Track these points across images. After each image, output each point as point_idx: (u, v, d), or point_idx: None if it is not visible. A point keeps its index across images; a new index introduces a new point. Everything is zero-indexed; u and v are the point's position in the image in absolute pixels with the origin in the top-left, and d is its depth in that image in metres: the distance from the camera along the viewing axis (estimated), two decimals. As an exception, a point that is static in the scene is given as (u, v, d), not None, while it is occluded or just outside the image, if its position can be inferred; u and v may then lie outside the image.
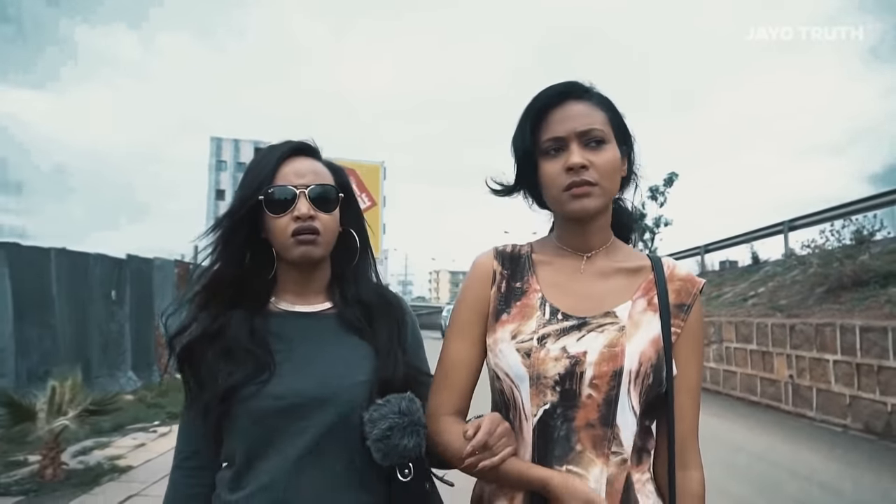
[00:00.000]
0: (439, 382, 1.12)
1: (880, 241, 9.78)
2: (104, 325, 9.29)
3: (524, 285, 1.09)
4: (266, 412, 1.05)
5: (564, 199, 1.03)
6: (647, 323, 1.04)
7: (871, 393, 6.45)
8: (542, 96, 1.07)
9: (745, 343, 9.12)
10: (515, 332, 1.04)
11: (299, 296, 1.18)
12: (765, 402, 8.44)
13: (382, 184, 69.16)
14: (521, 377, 1.01)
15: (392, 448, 1.02)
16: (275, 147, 1.17)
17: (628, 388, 0.99)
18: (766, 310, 9.28)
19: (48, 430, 4.42)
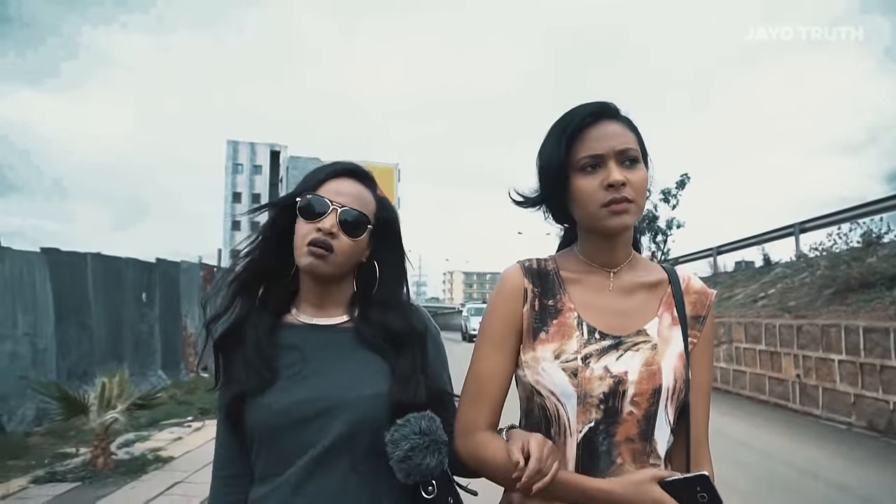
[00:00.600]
0: (474, 396, 1.12)
1: (888, 244, 9.98)
2: (135, 326, 9.74)
3: (557, 304, 1.12)
4: (273, 423, 1.07)
5: (603, 214, 1.06)
6: (673, 339, 1.09)
7: (874, 391, 6.68)
8: (578, 114, 1.09)
9: (754, 343, 9.34)
10: (559, 352, 1.06)
11: (318, 308, 1.19)
12: (773, 400, 8.66)
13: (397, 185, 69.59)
14: (569, 395, 1.04)
15: (415, 468, 1.03)
16: (333, 163, 1.22)
17: (665, 404, 1.04)
18: (775, 311, 9.49)
19: (99, 423, 4.79)
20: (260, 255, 1.17)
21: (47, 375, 7.44)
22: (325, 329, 1.17)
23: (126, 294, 9.53)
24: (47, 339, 7.59)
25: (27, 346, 7.19)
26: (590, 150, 1.06)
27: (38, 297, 7.48)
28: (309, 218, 1.13)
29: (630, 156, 1.07)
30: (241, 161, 64.62)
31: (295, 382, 1.10)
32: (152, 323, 10.25)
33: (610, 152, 1.05)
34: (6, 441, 6.16)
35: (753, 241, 15.49)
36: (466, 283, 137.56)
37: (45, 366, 7.46)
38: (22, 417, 6.84)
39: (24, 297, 7.24)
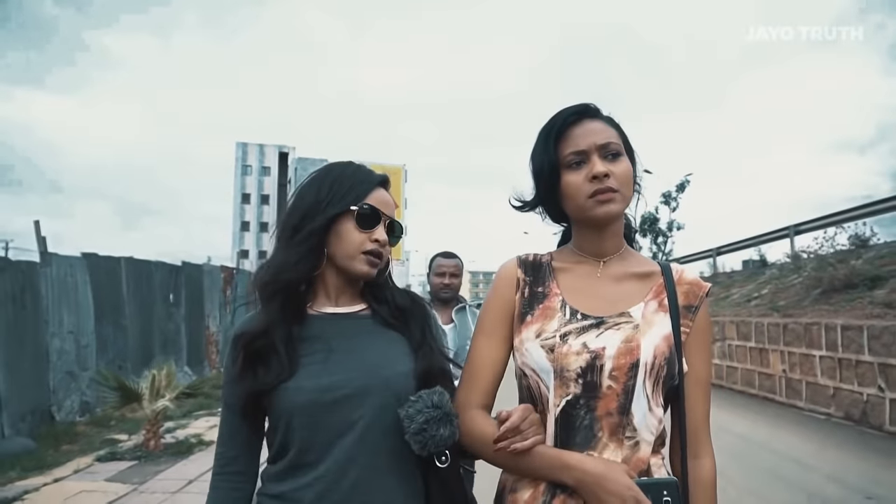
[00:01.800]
0: (468, 378, 1.20)
1: (874, 247, 10.53)
2: (164, 325, 10.40)
3: (545, 290, 1.17)
4: (309, 405, 1.10)
5: (589, 205, 1.11)
6: (658, 322, 1.12)
7: (850, 384, 7.25)
8: (561, 115, 1.16)
9: (744, 341, 9.91)
10: (539, 332, 1.12)
11: (336, 300, 1.23)
12: (762, 394, 9.24)
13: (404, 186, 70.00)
14: (546, 371, 1.08)
15: (430, 438, 1.08)
16: (369, 171, 1.25)
17: (644, 379, 1.06)
18: (766, 310, 10.05)
19: (151, 410, 5.43)
20: (306, 264, 1.17)
21: (88, 370, 8.10)
22: (346, 316, 1.21)
23: (155, 295, 10.19)
24: (88, 337, 8.24)
25: (72, 343, 7.85)
26: (574, 147, 1.12)
27: (80, 298, 8.14)
28: (365, 227, 1.18)
29: (612, 149, 1.12)
30: (250, 162, 65.23)
31: (326, 366, 1.13)
32: (178, 322, 10.92)
33: (592, 147, 1.11)
34: (58, 429, 6.81)
35: (751, 242, 16.02)
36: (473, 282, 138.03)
37: (86, 361, 8.11)
38: (70, 408, 7.50)
39: (68, 298, 7.89)
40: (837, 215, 12.25)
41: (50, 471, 4.96)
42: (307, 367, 1.12)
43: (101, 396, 7.15)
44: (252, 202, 64.94)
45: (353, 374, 1.13)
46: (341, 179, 1.20)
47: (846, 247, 10.42)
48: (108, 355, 8.60)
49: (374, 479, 1.10)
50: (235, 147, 65.04)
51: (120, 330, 9.03)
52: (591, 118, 1.15)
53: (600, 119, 1.16)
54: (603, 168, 1.10)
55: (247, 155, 65.32)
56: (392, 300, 1.25)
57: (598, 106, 1.20)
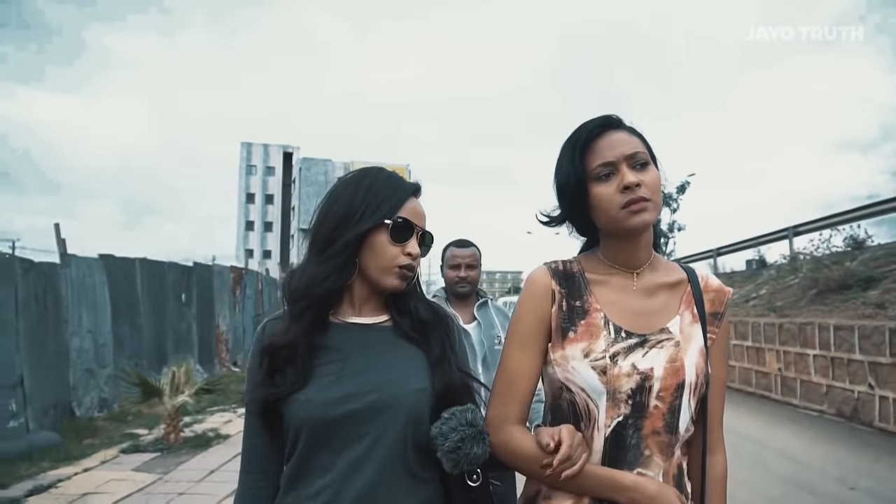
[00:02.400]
0: (505, 392, 1.17)
1: (869, 248, 10.77)
2: (176, 324, 10.69)
3: (584, 304, 1.16)
4: (320, 416, 1.09)
5: (623, 216, 1.10)
6: (694, 335, 1.14)
7: (842, 382, 7.49)
8: (586, 128, 1.15)
9: (742, 340, 10.16)
10: (587, 351, 1.10)
11: (360, 309, 1.21)
12: (758, 392, 9.48)
13: (407, 186, 69.35)
14: (598, 392, 1.08)
15: (463, 457, 1.07)
16: (401, 180, 1.23)
17: (688, 398, 1.09)
18: (763, 310, 10.30)
19: (171, 405, 5.70)
20: (338, 278, 1.16)
21: (106, 368, 8.39)
22: (367, 328, 1.20)
23: (168, 295, 10.48)
24: (106, 335, 8.53)
25: (90, 342, 8.13)
26: (602, 159, 1.11)
27: (98, 298, 8.43)
28: (398, 240, 1.17)
29: (640, 159, 1.12)
30: (255, 162, 65.52)
31: (339, 379, 1.11)
32: (190, 321, 11.21)
33: (620, 158, 1.11)
34: (79, 424, 7.09)
35: (751, 243, 16.25)
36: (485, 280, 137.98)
37: (104, 359, 8.39)
38: (89, 404, 7.79)
39: (87, 298, 8.18)
40: (835, 217, 12.48)
41: (78, 461, 5.24)
42: (319, 378, 1.12)
43: (123, 391, 7.43)
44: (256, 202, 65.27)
45: (365, 388, 1.11)
46: (374, 189, 1.18)
47: (841, 248, 10.66)
48: (125, 353, 8.88)
49: (379, 494, 1.09)
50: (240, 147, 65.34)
51: (135, 329, 9.32)
52: (615, 129, 1.15)
53: (624, 129, 1.16)
54: (634, 178, 1.09)
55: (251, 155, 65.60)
56: (415, 312, 1.23)
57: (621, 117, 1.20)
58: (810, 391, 8.18)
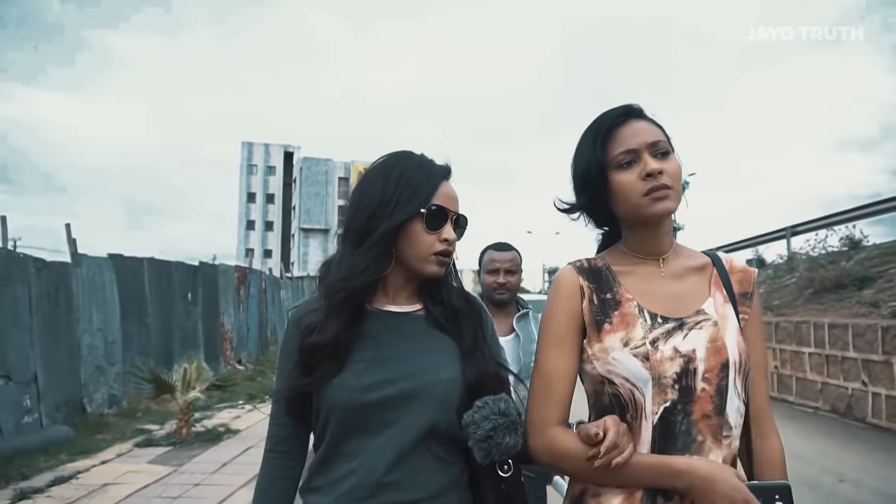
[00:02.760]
0: (542, 394, 1.16)
1: (865, 248, 10.95)
2: (182, 322, 10.86)
3: (616, 296, 1.15)
4: (355, 403, 1.11)
5: (645, 203, 1.10)
6: (729, 315, 1.12)
7: (836, 379, 7.67)
8: (608, 117, 1.16)
9: (739, 338, 10.33)
10: (626, 340, 1.09)
11: (394, 298, 1.23)
12: (755, 389, 9.66)
13: (408, 186, 69.16)
14: (643, 379, 1.06)
15: (495, 446, 1.07)
16: (432, 164, 1.22)
17: (734, 377, 1.07)
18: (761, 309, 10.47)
19: (184, 400, 5.88)
20: (375, 268, 1.17)
21: (115, 365, 8.57)
22: (401, 316, 1.21)
23: (175, 294, 10.65)
24: (115, 333, 8.70)
25: (100, 340, 8.30)
26: (624, 146, 1.12)
27: (107, 297, 8.60)
28: (434, 228, 1.17)
29: (661, 148, 1.12)
30: (256, 162, 65.73)
31: (372, 366, 1.13)
32: (196, 319, 11.38)
33: (643, 146, 1.11)
34: (90, 419, 7.27)
35: (750, 243, 16.42)
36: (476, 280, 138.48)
37: (113, 356, 8.56)
38: (99, 401, 7.96)
39: (96, 296, 8.35)
40: (832, 217, 12.66)
41: (95, 454, 5.42)
42: (353, 364, 1.14)
43: (135, 387, 7.61)
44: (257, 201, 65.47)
45: (397, 376, 1.13)
46: (407, 176, 1.18)
47: (837, 248, 10.84)
48: (133, 351, 9.05)
49: (404, 475, 1.11)
50: (241, 147, 65.54)
51: (143, 327, 9.49)
52: (636, 118, 1.16)
53: (646, 119, 1.17)
54: (657, 165, 1.10)
55: (252, 154, 65.80)
56: (447, 300, 1.24)
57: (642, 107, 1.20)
58: (806, 388, 8.35)
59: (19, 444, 5.43)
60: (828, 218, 12.86)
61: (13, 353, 6.43)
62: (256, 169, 65.76)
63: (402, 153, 1.24)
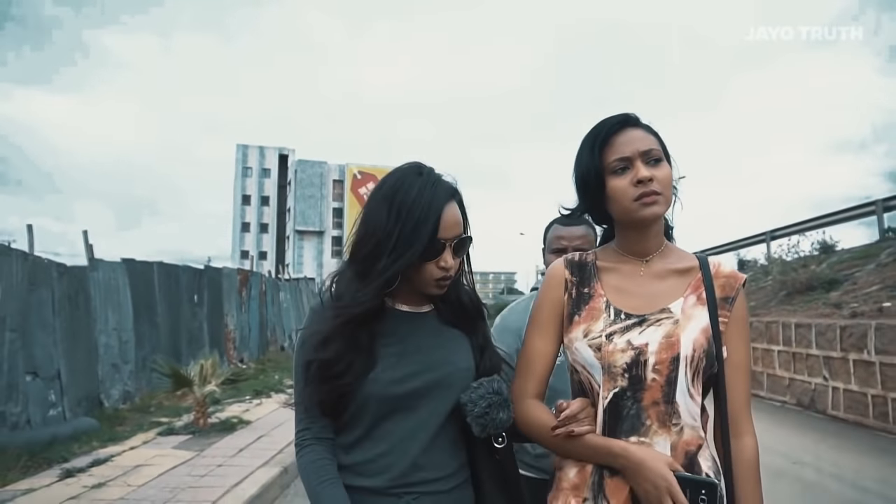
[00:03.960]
0: (523, 371, 1.30)
1: (837, 252, 11.61)
2: (189, 323, 11.38)
3: (591, 290, 1.25)
4: (389, 393, 1.22)
5: (635, 207, 1.18)
6: (697, 315, 1.19)
7: (802, 375, 8.29)
8: (605, 125, 1.23)
9: (717, 338, 10.94)
10: (587, 332, 1.21)
11: (406, 300, 1.32)
12: (731, 385, 10.27)
13: (402, 189, 69.21)
14: (595, 367, 1.18)
15: (490, 421, 1.20)
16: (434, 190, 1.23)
17: (685, 371, 1.15)
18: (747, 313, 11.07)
19: (201, 393, 6.42)
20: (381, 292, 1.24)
21: (129, 363, 9.08)
22: (416, 315, 1.33)
23: (182, 296, 11.18)
24: (128, 333, 9.21)
25: (115, 339, 8.82)
26: (618, 154, 1.20)
27: (121, 299, 9.12)
28: (431, 258, 1.23)
29: (653, 155, 1.20)
30: (251, 164, 65.98)
31: (401, 361, 1.25)
32: (201, 320, 11.90)
33: (635, 154, 1.19)
34: (107, 413, 7.78)
35: (732, 246, 17.06)
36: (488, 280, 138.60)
37: (127, 355, 9.08)
38: (115, 396, 8.48)
39: (111, 298, 8.87)
40: (808, 222, 13.32)
41: (122, 442, 5.95)
42: (384, 359, 1.24)
43: (156, 381, 8.15)
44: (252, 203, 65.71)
45: (423, 368, 1.25)
46: (408, 209, 1.20)
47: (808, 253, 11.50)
48: (145, 350, 9.57)
49: (430, 456, 1.24)
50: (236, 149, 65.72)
51: (154, 327, 10.01)
52: (632, 127, 1.23)
53: (641, 127, 1.24)
54: (647, 173, 1.17)
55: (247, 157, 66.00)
56: (456, 299, 1.35)
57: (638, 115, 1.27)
58: (775, 383, 8.98)
59: (55, 432, 5.96)
60: (804, 223, 13.51)
61: (39, 351, 6.95)
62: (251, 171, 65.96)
63: (407, 174, 1.26)
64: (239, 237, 64.88)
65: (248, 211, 65.80)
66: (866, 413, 6.95)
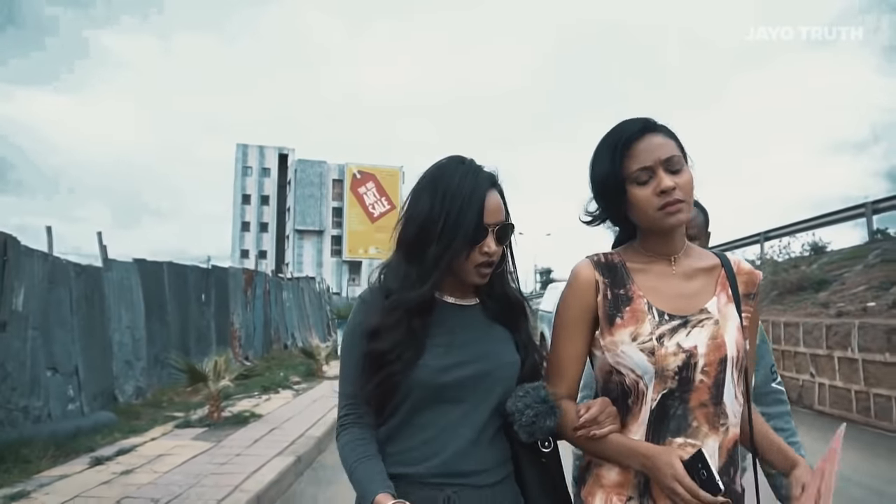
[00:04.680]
0: (555, 373, 1.31)
1: (828, 253, 11.95)
2: (197, 321, 11.69)
3: (628, 292, 1.25)
4: (435, 381, 1.23)
5: (660, 216, 1.20)
6: (730, 314, 1.23)
7: (790, 372, 8.62)
8: (625, 132, 1.22)
9: (710, 336, 11.28)
10: (635, 335, 1.20)
11: (453, 292, 1.33)
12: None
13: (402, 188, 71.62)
14: (648, 371, 1.17)
15: (538, 430, 1.21)
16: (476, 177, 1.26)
17: (731, 371, 1.18)
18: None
19: (215, 388, 6.74)
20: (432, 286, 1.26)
21: (141, 360, 9.39)
22: (463, 308, 1.33)
23: (190, 295, 11.49)
24: (140, 331, 9.51)
25: (129, 337, 9.13)
26: (641, 163, 1.19)
27: (133, 298, 9.43)
28: (474, 243, 1.24)
29: (675, 163, 1.19)
30: (251, 164, 66.23)
31: (449, 350, 1.25)
32: (209, 318, 12.21)
33: (657, 162, 1.18)
34: (121, 408, 8.09)
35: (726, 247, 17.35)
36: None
37: (139, 352, 9.39)
38: (128, 392, 8.79)
39: (124, 298, 9.18)
40: (800, 224, 13.64)
41: (142, 434, 6.27)
42: (432, 348, 1.25)
43: (171, 377, 8.47)
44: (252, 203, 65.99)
45: (471, 358, 1.26)
46: (452, 195, 1.23)
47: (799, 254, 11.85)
48: (156, 347, 9.88)
49: (473, 449, 1.24)
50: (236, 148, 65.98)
51: (164, 325, 10.32)
52: (652, 132, 1.22)
53: (660, 133, 1.23)
54: (671, 182, 1.17)
55: (247, 156, 66.24)
56: (502, 294, 1.36)
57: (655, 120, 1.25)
58: (765, 380, 9.29)
59: (79, 425, 6.28)
60: (796, 224, 13.84)
61: (59, 348, 7.25)
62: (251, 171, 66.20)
63: (449, 162, 1.30)
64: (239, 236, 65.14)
65: (248, 210, 66.05)
66: (850, 408, 7.28)
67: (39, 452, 5.21)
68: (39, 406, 6.62)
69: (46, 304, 7.05)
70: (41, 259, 7.05)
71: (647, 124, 1.23)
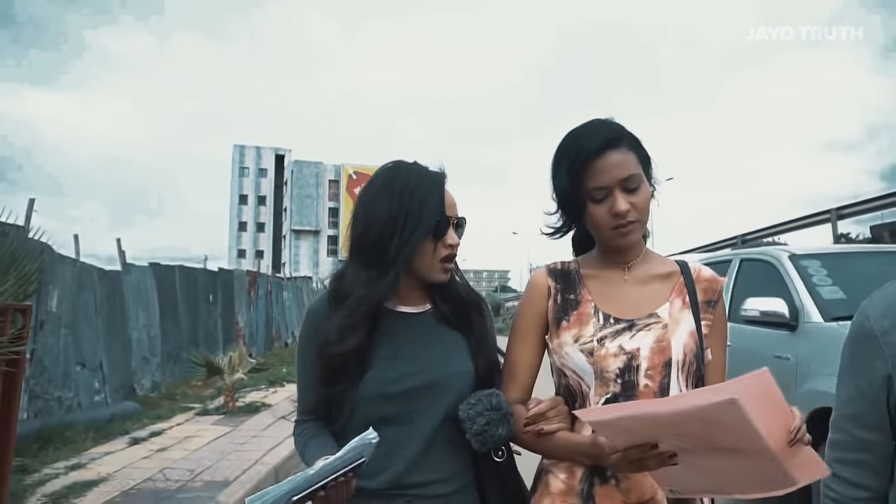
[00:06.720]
0: (507, 378, 1.31)
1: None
2: (206, 321, 12.46)
3: (578, 297, 1.26)
4: (382, 395, 1.23)
5: (612, 235, 1.21)
6: (684, 319, 1.21)
7: (751, 365, 9.40)
8: (584, 149, 1.19)
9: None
10: (577, 336, 1.21)
11: (405, 299, 1.32)
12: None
13: (397, 189, 70.73)
14: (587, 372, 1.18)
15: (489, 438, 1.19)
16: (430, 176, 1.29)
17: (677, 375, 1.17)
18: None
19: (230, 380, 7.53)
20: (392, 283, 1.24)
21: (156, 357, 10.17)
22: (414, 316, 1.32)
23: (199, 296, 12.26)
24: (155, 330, 10.28)
25: (145, 335, 9.90)
26: (597, 182, 1.18)
27: (149, 299, 10.20)
28: (438, 237, 1.25)
29: (633, 181, 1.19)
30: (247, 164, 66.83)
31: (395, 363, 1.25)
32: (216, 318, 12.97)
33: (614, 182, 1.18)
34: (140, 400, 8.87)
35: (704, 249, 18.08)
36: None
37: (155, 349, 10.16)
38: (146, 386, 9.57)
39: (141, 299, 9.95)
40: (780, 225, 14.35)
41: (167, 420, 7.06)
42: (377, 361, 1.24)
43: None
44: (249, 203, 66.64)
45: (418, 369, 1.25)
46: (410, 192, 1.24)
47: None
48: (169, 345, 10.65)
49: (426, 459, 1.24)
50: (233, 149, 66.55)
51: (177, 325, 11.09)
52: (612, 149, 1.19)
53: (622, 148, 1.20)
54: (625, 206, 1.17)
55: (244, 157, 66.81)
56: (456, 297, 1.34)
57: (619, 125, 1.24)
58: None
59: (112, 412, 7.07)
60: (775, 227, 14.53)
61: (86, 346, 8.02)
62: (248, 171, 66.78)
63: (398, 165, 1.31)
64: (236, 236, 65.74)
65: (245, 210, 66.66)
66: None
67: (82, 435, 5.99)
68: (70, 397, 7.41)
69: (75, 305, 7.82)
70: (70, 264, 7.82)
71: (608, 140, 1.19)
